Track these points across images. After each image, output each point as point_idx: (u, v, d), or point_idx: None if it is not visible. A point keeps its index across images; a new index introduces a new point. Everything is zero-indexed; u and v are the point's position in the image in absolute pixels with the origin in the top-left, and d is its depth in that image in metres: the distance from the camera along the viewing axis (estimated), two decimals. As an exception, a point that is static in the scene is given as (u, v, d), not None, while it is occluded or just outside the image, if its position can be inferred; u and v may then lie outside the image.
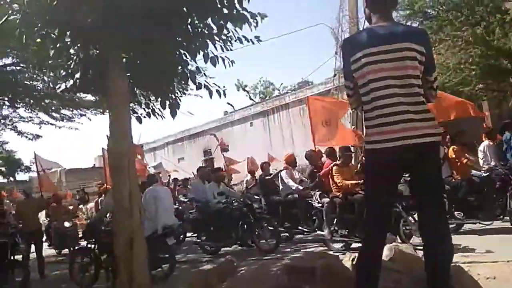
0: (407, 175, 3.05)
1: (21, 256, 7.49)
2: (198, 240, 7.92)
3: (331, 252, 5.31)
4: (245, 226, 7.22)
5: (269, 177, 8.89)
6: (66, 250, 9.64)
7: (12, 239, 7.09)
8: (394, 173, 2.43)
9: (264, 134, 20.98)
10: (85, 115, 9.95)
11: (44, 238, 11.12)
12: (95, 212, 10.33)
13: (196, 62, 4.16)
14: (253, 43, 3.98)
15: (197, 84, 4.06)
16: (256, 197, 8.77)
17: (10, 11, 3.28)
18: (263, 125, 21.38)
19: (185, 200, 10.46)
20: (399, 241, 5.32)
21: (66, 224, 9.99)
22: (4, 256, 6.40)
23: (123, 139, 3.78)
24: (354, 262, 3.49)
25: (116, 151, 3.79)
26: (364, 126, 2.53)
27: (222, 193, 7.68)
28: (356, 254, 3.68)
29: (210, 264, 5.91)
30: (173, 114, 4.13)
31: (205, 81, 4.12)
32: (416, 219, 6.69)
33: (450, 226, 6.60)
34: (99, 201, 10.74)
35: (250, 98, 35.19)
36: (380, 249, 2.49)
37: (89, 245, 6.45)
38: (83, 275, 6.28)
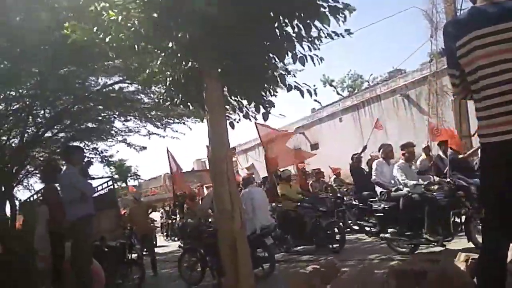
0: None
1: (137, 255, 8.35)
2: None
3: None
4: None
5: None
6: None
7: (129, 240, 7.93)
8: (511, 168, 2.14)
9: (355, 130, 20.26)
10: (185, 123, 10.69)
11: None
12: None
13: (285, 64, 4.18)
14: (343, 37, 3.86)
15: (287, 85, 4.09)
16: None
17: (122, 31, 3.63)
18: (353, 120, 20.66)
19: None
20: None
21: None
22: (123, 256, 7.13)
23: (221, 146, 3.96)
24: (468, 265, 3.20)
25: (215, 158, 3.98)
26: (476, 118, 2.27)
27: None
28: (472, 257, 3.37)
29: (307, 263, 5.88)
30: (265, 116, 4.22)
31: (295, 82, 4.12)
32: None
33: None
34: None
35: (338, 93, 34.35)
36: (504, 251, 2.22)
37: (195, 246, 6.88)
38: (190, 273, 6.69)
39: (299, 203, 8.28)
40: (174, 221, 13.10)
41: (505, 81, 2.02)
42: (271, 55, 4.06)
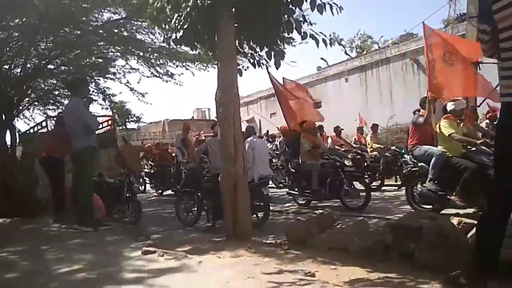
0: None
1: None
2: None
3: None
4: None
5: None
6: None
7: (127, 178, 8.05)
8: None
9: (360, 91, 20.04)
10: (188, 69, 10.45)
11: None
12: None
13: (302, 10, 4.01)
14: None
15: (302, 33, 3.95)
16: None
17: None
18: (359, 81, 20.36)
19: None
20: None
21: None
22: (121, 193, 7.29)
23: (230, 89, 3.91)
24: (461, 228, 3.26)
25: (223, 101, 3.94)
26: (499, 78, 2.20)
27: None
28: (465, 219, 3.44)
29: (301, 216, 6.02)
30: (277, 64, 4.11)
31: (311, 29, 3.98)
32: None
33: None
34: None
35: (346, 53, 33.53)
36: (506, 215, 2.24)
37: (192, 189, 7.01)
38: (186, 215, 6.86)
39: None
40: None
41: None
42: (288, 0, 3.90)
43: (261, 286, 2.35)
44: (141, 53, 10.33)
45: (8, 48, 9.26)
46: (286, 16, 4.00)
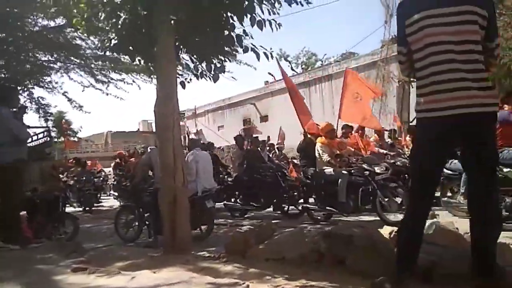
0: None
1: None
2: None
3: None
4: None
5: None
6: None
7: (63, 193, 7.64)
8: (447, 143, 2.33)
9: (304, 105, 20.71)
10: (134, 82, 10.13)
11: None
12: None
13: (243, 25, 4.10)
14: (302, 5, 3.85)
15: (243, 47, 4.03)
16: None
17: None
18: (304, 95, 21.05)
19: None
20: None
21: None
22: (56, 208, 6.89)
23: (169, 100, 3.87)
24: (393, 234, 3.46)
25: (162, 112, 3.90)
26: (416, 95, 2.41)
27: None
28: (395, 228, 3.66)
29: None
30: (215, 78, 4.16)
31: (252, 44, 4.08)
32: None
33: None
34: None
35: (292, 69, 34.60)
36: (423, 221, 2.43)
37: (133, 203, 6.79)
38: (127, 230, 6.62)
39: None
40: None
41: (449, 60, 2.16)
42: (229, 14, 3.97)
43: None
44: (81, 61, 9.90)
45: None
46: (226, 30, 4.06)
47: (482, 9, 2.15)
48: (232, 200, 8.84)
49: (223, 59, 4.27)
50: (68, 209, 7.94)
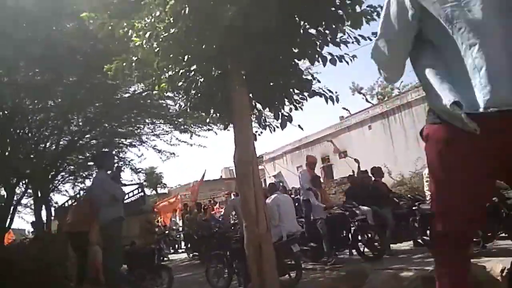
0: None
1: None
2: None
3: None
4: None
5: None
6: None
7: (158, 245, 8.09)
8: None
9: (385, 137, 19.86)
10: (211, 129, 10.81)
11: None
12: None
13: (313, 65, 4.14)
14: (370, 40, 3.81)
15: (310, 92, 4.08)
16: None
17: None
18: (383, 127, 20.26)
19: None
20: None
21: None
22: (152, 260, 7.27)
23: (247, 149, 4.00)
24: (504, 272, 3.06)
25: (241, 160, 4.02)
26: None
27: None
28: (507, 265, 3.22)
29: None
30: (283, 126, 4.23)
31: (319, 87, 4.12)
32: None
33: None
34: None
35: (367, 101, 33.80)
36: None
37: (222, 251, 6.91)
38: (217, 279, 6.71)
39: None
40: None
41: None
42: (296, 61, 4.08)
43: None
44: (163, 121, 10.85)
45: (44, 128, 9.95)
46: (297, 76, 4.15)
47: None
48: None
49: (292, 107, 4.35)
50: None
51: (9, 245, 12.59)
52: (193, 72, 3.92)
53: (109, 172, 5.48)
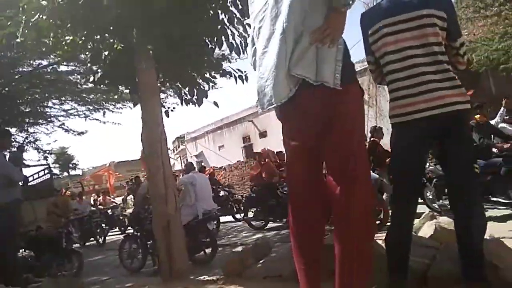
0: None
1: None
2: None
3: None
4: None
5: None
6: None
7: (65, 229, 7.65)
8: (422, 146, 2.33)
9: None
10: (125, 105, 10.35)
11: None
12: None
13: (221, 50, 4.19)
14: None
15: (221, 71, 4.11)
16: None
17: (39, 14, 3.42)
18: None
19: None
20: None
21: None
22: (60, 245, 6.89)
23: (155, 128, 3.92)
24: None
25: (149, 140, 3.94)
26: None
27: None
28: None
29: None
30: (200, 102, 4.23)
31: (229, 67, 4.16)
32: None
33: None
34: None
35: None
36: (408, 225, 2.41)
37: (135, 233, 6.77)
38: (131, 260, 6.58)
39: None
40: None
41: (409, 66, 2.20)
42: (207, 40, 4.05)
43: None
44: (75, 96, 10.12)
45: None
46: (206, 57, 4.14)
47: (439, 11, 2.19)
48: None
49: (205, 84, 4.34)
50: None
51: None
52: (95, 44, 3.68)
53: (6, 152, 5.02)
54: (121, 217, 12.08)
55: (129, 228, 9.02)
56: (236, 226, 9.82)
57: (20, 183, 5.10)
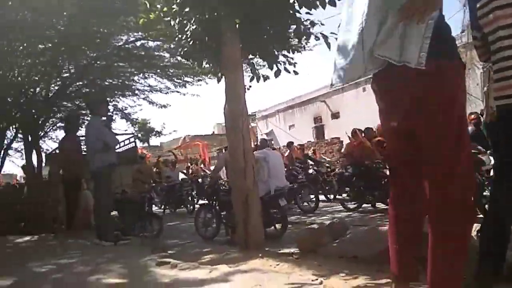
0: None
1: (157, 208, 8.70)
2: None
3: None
4: None
5: None
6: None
7: (148, 194, 8.27)
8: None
9: (378, 99, 19.84)
10: (203, 79, 10.73)
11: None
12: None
13: (311, 13, 4.02)
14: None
15: (309, 36, 3.99)
16: None
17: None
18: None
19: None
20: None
21: None
22: (142, 208, 7.48)
23: (238, 101, 4.00)
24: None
25: (231, 113, 4.04)
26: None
27: None
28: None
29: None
30: (278, 74, 4.19)
31: (321, 33, 4.02)
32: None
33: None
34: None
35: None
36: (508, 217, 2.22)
37: (211, 203, 7.10)
38: (206, 228, 6.94)
39: None
40: None
41: None
42: (296, 7, 3.94)
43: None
44: (158, 70, 10.69)
45: (34, 73, 9.73)
46: (293, 24, 4.06)
47: None
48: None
49: (291, 53, 4.28)
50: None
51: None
52: (185, 16, 3.80)
53: (103, 118, 5.49)
54: None
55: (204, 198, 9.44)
56: (324, 207, 9.38)
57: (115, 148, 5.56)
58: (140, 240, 5.75)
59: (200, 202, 10.70)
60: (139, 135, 27.41)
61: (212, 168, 12.19)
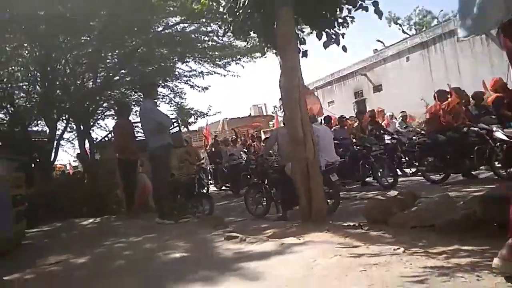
0: None
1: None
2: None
3: None
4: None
5: None
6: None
7: (197, 175, 8.41)
8: None
9: (423, 69, 18.94)
10: (239, 62, 10.68)
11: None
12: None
13: None
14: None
15: (361, 6, 3.84)
16: None
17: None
18: (422, 58, 19.25)
19: None
20: None
21: None
22: (192, 189, 7.62)
23: (294, 74, 3.89)
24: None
25: (288, 86, 3.94)
26: None
27: None
28: None
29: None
30: (327, 45, 4.06)
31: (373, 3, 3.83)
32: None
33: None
34: None
35: (404, 32, 31.92)
36: None
37: (260, 181, 7.10)
38: (256, 207, 6.97)
39: None
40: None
41: None
42: None
43: (349, 263, 2.31)
44: (198, 54, 10.71)
45: (78, 65, 10.07)
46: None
47: None
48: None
49: (338, 27, 4.13)
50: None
51: (58, 177, 13.46)
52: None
53: (154, 101, 5.58)
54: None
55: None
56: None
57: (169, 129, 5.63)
58: (198, 219, 5.85)
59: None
60: (181, 120, 27.79)
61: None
